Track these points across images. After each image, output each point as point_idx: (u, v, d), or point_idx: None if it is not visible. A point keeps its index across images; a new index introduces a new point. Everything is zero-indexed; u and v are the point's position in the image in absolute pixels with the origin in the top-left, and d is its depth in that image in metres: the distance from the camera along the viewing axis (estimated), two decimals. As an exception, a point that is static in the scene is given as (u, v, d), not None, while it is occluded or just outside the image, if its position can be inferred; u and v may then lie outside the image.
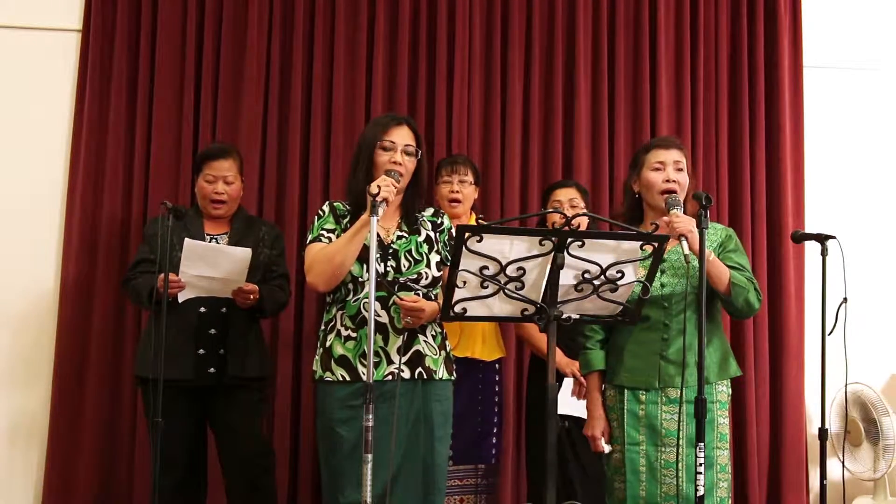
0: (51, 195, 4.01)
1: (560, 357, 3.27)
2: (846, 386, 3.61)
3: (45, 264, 3.99)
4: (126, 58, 4.02)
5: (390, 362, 2.58)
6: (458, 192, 3.39)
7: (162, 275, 3.03)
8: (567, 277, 2.23)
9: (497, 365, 3.50)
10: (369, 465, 2.26)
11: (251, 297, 3.16)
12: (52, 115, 4.04)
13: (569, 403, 3.26)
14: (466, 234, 2.14)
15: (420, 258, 2.66)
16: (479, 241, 2.15)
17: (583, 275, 2.25)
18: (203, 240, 3.25)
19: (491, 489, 3.51)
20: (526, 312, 2.28)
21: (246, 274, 3.12)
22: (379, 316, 2.58)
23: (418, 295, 2.61)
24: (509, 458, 3.94)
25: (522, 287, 2.23)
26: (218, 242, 3.29)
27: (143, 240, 3.40)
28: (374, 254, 2.34)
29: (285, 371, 3.89)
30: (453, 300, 2.23)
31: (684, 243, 2.46)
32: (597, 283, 2.26)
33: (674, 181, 2.68)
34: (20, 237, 3.98)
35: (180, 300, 3.11)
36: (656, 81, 4.23)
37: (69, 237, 3.94)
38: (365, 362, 2.52)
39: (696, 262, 2.49)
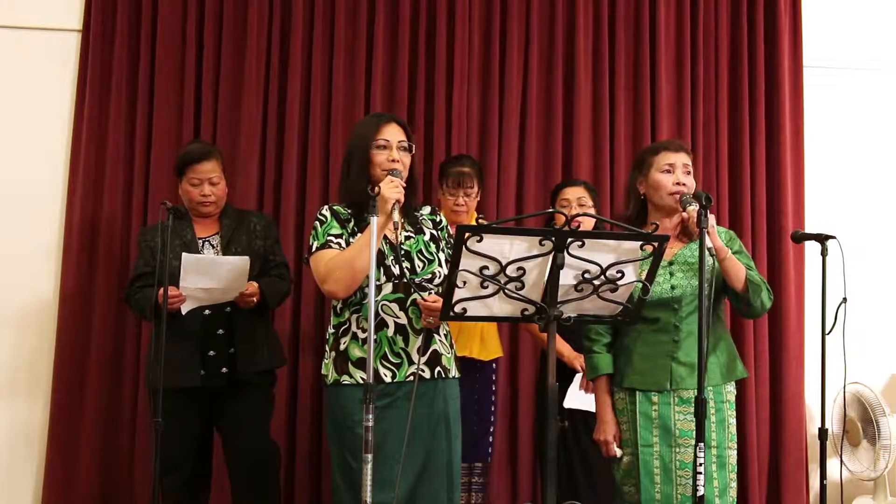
0: (51, 196, 4.01)
1: (568, 351, 3.28)
2: (845, 386, 3.61)
3: (45, 265, 3.99)
4: (126, 58, 4.03)
5: (411, 363, 2.58)
6: (463, 205, 3.41)
7: (161, 289, 3.03)
8: (567, 277, 2.23)
9: (494, 364, 3.51)
10: (369, 465, 2.27)
11: (253, 299, 3.16)
12: (52, 115, 4.04)
13: (577, 397, 3.26)
14: (466, 234, 2.14)
15: (431, 257, 2.66)
16: (479, 241, 2.14)
17: (583, 275, 2.25)
18: (195, 244, 3.25)
19: (485, 487, 3.52)
20: (526, 312, 2.28)
21: (246, 280, 3.13)
22: (398, 317, 2.58)
23: (432, 294, 2.61)
24: (505, 459, 3.95)
25: (522, 287, 2.22)
26: (211, 244, 3.29)
27: (138, 251, 3.38)
28: (374, 250, 2.34)
29: (284, 372, 3.86)
30: (453, 300, 2.23)
31: (706, 238, 2.47)
32: (597, 283, 2.26)
33: (683, 184, 2.69)
34: (20, 238, 3.98)
35: (183, 312, 3.11)
36: (656, 81, 4.23)
37: (69, 238, 3.94)
38: (386, 364, 2.55)
39: (713, 257, 2.50)
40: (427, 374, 2.60)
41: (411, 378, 2.56)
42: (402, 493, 2.47)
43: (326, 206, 2.71)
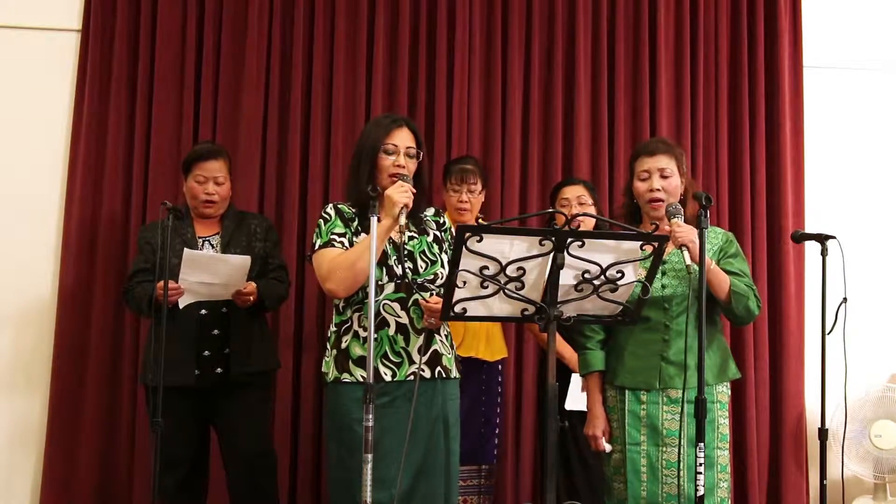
0: (50, 195, 4.01)
1: (570, 353, 3.27)
2: (845, 388, 3.59)
3: (43, 265, 3.99)
4: (125, 58, 4.02)
5: (412, 362, 2.58)
6: (466, 201, 3.40)
7: (160, 282, 3.03)
8: (567, 277, 2.23)
9: (500, 366, 3.51)
10: (369, 466, 2.27)
11: (250, 298, 3.16)
12: (51, 116, 4.04)
13: (578, 399, 3.25)
14: (466, 234, 2.14)
15: (434, 258, 2.66)
16: (480, 241, 2.15)
17: (583, 275, 2.25)
18: (195, 242, 3.25)
19: (492, 489, 3.52)
20: (526, 312, 2.28)
21: (246, 279, 3.13)
22: (399, 317, 2.58)
23: (433, 295, 2.61)
24: (508, 458, 3.95)
25: (522, 287, 2.22)
26: (210, 244, 3.30)
27: (137, 248, 3.39)
28: (374, 253, 2.35)
29: (286, 372, 3.87)
30: (453, 300, 2.23)
31: (685, 253, 2.47)
32: (597, 283, 2.26)
33: (657, 190, 2.68)
34: (19, 238, 3.97)
35: (181, 306, 3.11)
36: (656, 81, 4.23)
37: (68, 238, 3.93)
38: (386, 363, 2.56)
39: (697, 271, 2.49)
40: (427, 374, 2.60)
41: (411, 377, 2.57)
42: (400, 490, 2.47)
43: (331, 205, 2.72)
